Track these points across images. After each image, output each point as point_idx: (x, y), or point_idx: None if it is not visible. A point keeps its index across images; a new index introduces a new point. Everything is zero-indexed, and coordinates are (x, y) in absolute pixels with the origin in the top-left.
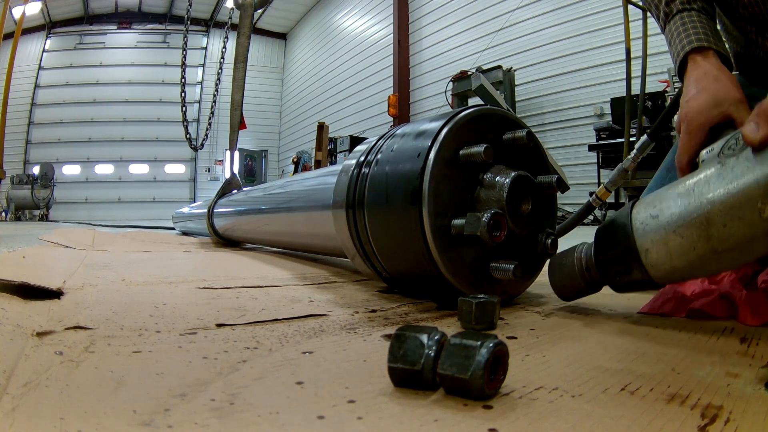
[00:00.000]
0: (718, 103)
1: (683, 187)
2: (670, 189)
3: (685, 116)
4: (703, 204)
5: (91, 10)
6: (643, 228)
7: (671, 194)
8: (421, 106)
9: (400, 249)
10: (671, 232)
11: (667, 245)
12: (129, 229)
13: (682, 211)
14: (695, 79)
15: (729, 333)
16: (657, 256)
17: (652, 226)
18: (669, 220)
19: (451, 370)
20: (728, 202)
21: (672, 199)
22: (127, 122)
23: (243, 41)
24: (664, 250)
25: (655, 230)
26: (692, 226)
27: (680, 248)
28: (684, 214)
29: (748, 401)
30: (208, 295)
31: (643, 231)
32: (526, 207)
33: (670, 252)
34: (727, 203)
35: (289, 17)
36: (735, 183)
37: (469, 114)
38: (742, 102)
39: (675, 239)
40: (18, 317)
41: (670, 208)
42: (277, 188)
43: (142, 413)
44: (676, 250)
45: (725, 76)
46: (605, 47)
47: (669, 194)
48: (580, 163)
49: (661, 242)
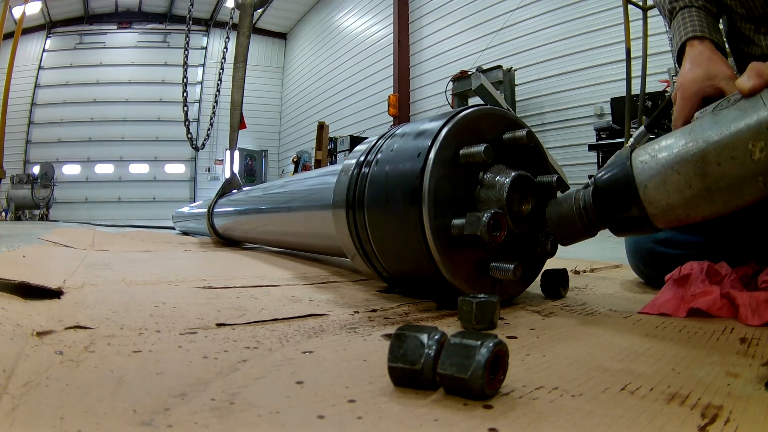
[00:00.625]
0: (710, 76)
1: (681, 132)
2: (668, 135)
3: (680, 86)
4: (699, 143)
5: (91, 9)
6: (642, 166)
7: (669, 137)
8: (421, 106)
9: (400, 249)
10: (669, 168)
11: (664, 181)
12: (129, 228)
13: (680, 149)
14: (691, 58)
15: (729, 333)
16: (655, 192)
17: (651, 164)
18: (667, 158)
19: (451, 369)
20: (722, 142)
21: (670, 139)
22: (127, 122)
23: (243, 41)
24: (661, 186)
25: (653, 167)
26: (688, 163)
27: (677, 184)
28: (681, 152)
29: (748, 401)
30: (208, 295)
31: (642, 168)
32: (526, 207)
33: (667, 188)
34: (721, 143)
35: (289, 17)
36: (728, 126)
37: (469, 114)
38: (732, 78)
39: (672, 175)
40: (18, 317)
41: (669, 148)
42: (277, 188)
43: (142, 413)
44: (672, 186)
45: (718, 56)
46: (605, 47)
47: (667, 138)
48: (580, 162)
49: (659, 178)
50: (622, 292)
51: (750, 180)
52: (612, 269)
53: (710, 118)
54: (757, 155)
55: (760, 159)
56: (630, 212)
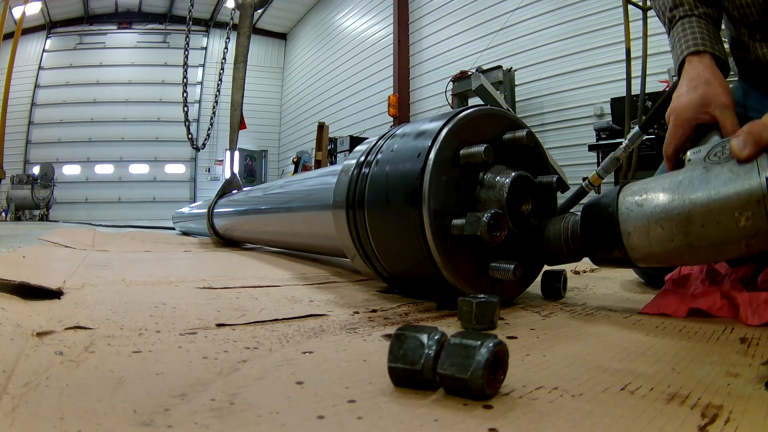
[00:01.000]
0: (705, 103)
1: (669, 183)
2: (657, 181)
3: (674, 110)
4: (686, 203)
5: (91, 10)
6: (627, 213)
7: (657, 186)
8: (421, 106)
9: (400, 249)
10: (653, 222)
11: (648, 233)
12: (129, 229)
13: (666, 205)
14: (689, 79)
15: (729, 333)
16: (638, 240)
17: (636, 213)
18: (652, 211)
19: (451, 369)
20: (709, 206)
21: (658, 191)
22: (127, 122)
23: (243, 41)
24: (644, 237)
25: (638, 217)
26: (673, 220)
27: (659, 238)
28: (667, 208)
29: (748, 401)
30: (208, 295)
31: (627, 216)
32: (526, 207)
33: (650, 239)
34: (707, 207)
35: (289, 17)
36: (717, 190)
37: (469, 114)
38: (728, 107)
39: (656, 229)
40: (18, 317)
41: (655, 200)
42: (277, 188)
43: (142, 413)
44: (655, 238)
45: (717, 80)
46: (605, 47)
47: (655, 186)
48: (580, 163)
49: (643, 229)
50: (622, 292)
51: (733, 242)
52: (612, 269)
53: (701, 175)
54: (743, 223)
55: (744, 226)
56: (612, 254)
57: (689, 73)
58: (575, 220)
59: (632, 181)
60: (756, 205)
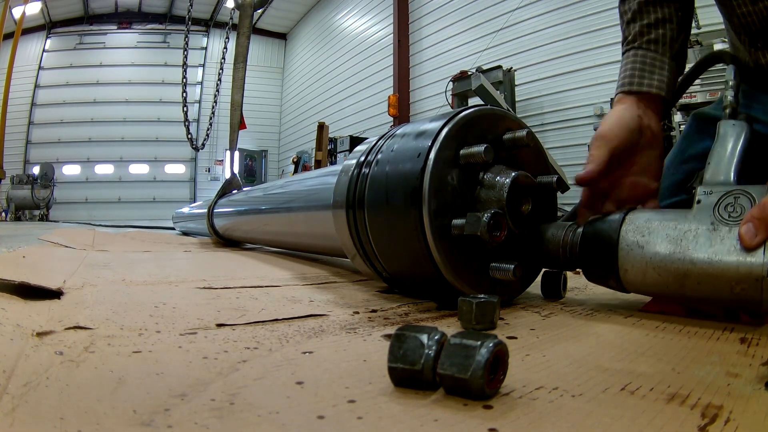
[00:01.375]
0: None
1: (674, 232)
2: (662, 225)
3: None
4: (686, 260)
5: (91, 10)
6: (627, 251)
7: (662, 232)
8: (421, 106)
9: (400, 249)
10: (651, 267)
11: (644, 275)
12: (129, 229)
13: (666, 255)
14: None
15: (729, 333)
16: (633, 278)
17: (635, 254)
18: (652, 257)
19: (451, 369)
20: (708, 270)
21: (661, 238)
22: (127, 122)
23: (242, 41)
24: (640, 277)
25: (637, 259)
26: (670, 272)
27: (655, 282)
28: (666, 259)
29: (748, 401)
30: (208, 295)
31: (627, 254)
32: (526, 207)
33: (645, 280)
34: (706, 270)
35: (289, 17)
36: (719, 258)
37: (469, 114)
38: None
39: (652, 274)
40: (18, 317)
41: (656, 246)
42: (277, 188)
43: (142, 413)
44: (651, 281)
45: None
46: (605, 47)
47: (660, 230)
48: (580, 163)
49: (640, 270)
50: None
51: (725, 301)
52: None
53: (706, 233)
54: (737, 291)
55: (739, 293)
56: (608, 282)
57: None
58: (575, 236)
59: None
60: (753, 282)
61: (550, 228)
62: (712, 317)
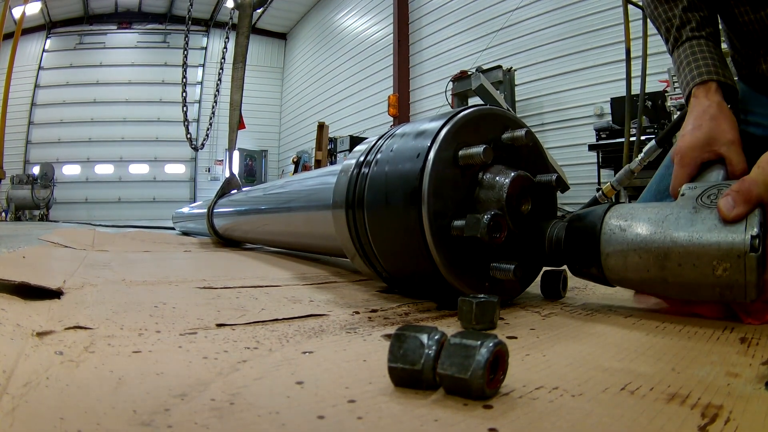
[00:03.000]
0: (710, 142)
1: (656, 214)
2: (645, 210)
3: (679, 150)
4: (666, 240)
5: (91, 10)
6: (609, 235)
7: (644, 215)
8: (421, 105)
9: (399, 249)
10: (632, 249)
11: (625, 258)
12: (129, 229)
13: (647, 236)
14: (695, 116)
15: (729, 333)
16: (614, 263)
17: (618, 237)
18: (633, 239)
19: (451, 369)
20: (688, 248)
21: (643, 220)
22: (127, 122)
23: (242, 41)
24: (621, 262)
25: (619, 241)
26: (651, 253)
27: (635, 266)
28: (647, 240)
29: (748, 401)
30: (208, 295)
31: (609, 238)
32: (525, 207)
33: (626, 265)
34: (686, 249)
35: (289, 17)
36: (699, 235)
37: (468, 114)
38: (733, 143)
39: (633, 257)
40: (18, 317)
41: (638, 228)
42: (277, 188)
43: (142, 413)
44: (631, 265)
45: (723, 114)
46: (605, 47)
47: (642, 214)
48: (580, 163)
49: (621, 254)
50: (622, 292)
51: (707, 287)
52: None
53: (688, 215)
54: (719, 272)
55: (721, 276)
56: (590, 270)
57: (695, 110)
58: (561, 229)
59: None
60: (735, 260)
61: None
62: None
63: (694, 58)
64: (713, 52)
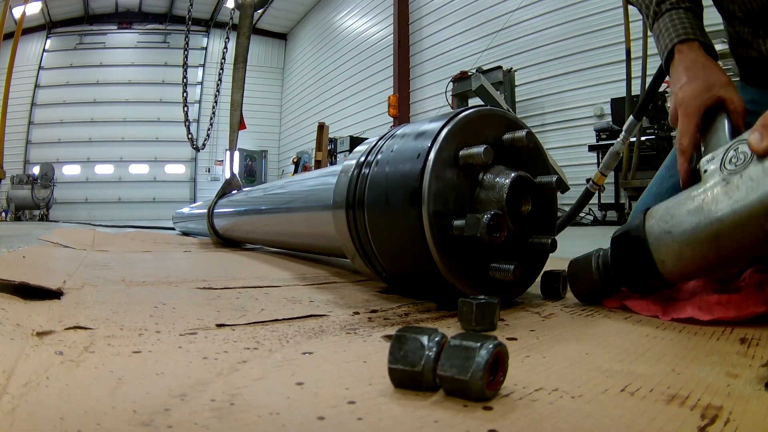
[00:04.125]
0: (709, 87)
1: (692, 204)
2: (681, 205)
3: (681, 102)
4: (713, 222)
5: (92, 10)
6: (658, 243)
7: (682, 210)
8: (421, 106)
9: (400, 250)
10: (684, 245)
11: (681, 257)
12: (129, 229)
13: (694, 227)
14: (685, 68)
15: (729, 333)
16: (672, 266)
17: (666, 241)
18: (682, 236)
19: (451, 371)
20: (735, 220)
21: (683, 216)
22: (127, 122)
23: (242, 41)
24: (678, 262)
25: (669, 245)
26: (703, 241)
27: (693, 259)
28: (696, 231)
29: (748, 401)
30: (208, 295)
31: (658, 246)
32: (525, 207)
33: (684, 262)
34: (734, 221)
35: (289, 17)
36: (741, 203)
37: (469, 114)
38: (729, 84)
39: (688, 252)
40: (18, 317)
41: (682, 225)
42: (277, 188)
43: (142, 413)
44: (689, 260)
45: (711, 63)
46: (605, 48)
47: (680, 210)
48: (580, 163)
49: (676, 255)
50: None
51: (762, 244)
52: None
53: (722, 190)
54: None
55: None
56: (651, 283)
57: (684, 62)
58: (605, 257)
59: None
60: None
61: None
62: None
63: (673, 24)
64: (692, 20)
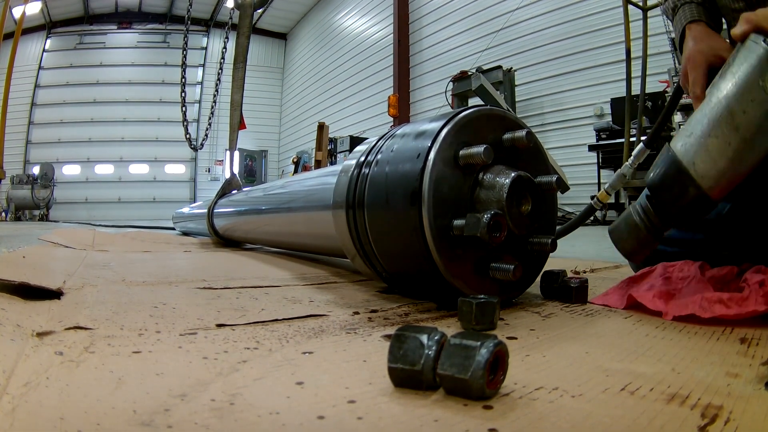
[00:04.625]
0: (713, 48)
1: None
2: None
3: (689, 58)
4: (721, 101)
5: (91, 10)
6: (684, 148)
7: (696, 116)
8: (421, 106)
9: (400, 249)
10: (707, 136)
11: (708, 150)
12: (129, 229)
13: (710, 116)
14: (692, 37)
15: (729, 333)
16: (703, 164)
17: (691, 142)
18: (702, 129)
19: (451, 370)
20: (738, 91)
21: (696, 116)
22: (127, 122)
23: (242, 41)
24: (707, 156)
25: (693, 143)
26: (721, 123)
27: (718, 148)
28: (711, 118)
29: (748, 401)
30: (208, 295)
31: (685, 150)
32: (526, 207)
33: (712, 156)
34: (738, 92)
35: (289, 17)
36: (738, 76)
37: (469, 114)
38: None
39: (712, 141)
40: (18, 317)
41: (699, 123)
42: (277, 188)
43: (142, 413)
44: (716, 150)
45: (715, 34)
46: (605, 47)
47: (694, 117)
48: (580, 163)
49: (703, 150)
50: None
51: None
52: (612, 269)
53: (720, 80)
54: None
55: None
56: (688, 194)
57: (692, 34)
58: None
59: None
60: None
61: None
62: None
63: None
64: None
